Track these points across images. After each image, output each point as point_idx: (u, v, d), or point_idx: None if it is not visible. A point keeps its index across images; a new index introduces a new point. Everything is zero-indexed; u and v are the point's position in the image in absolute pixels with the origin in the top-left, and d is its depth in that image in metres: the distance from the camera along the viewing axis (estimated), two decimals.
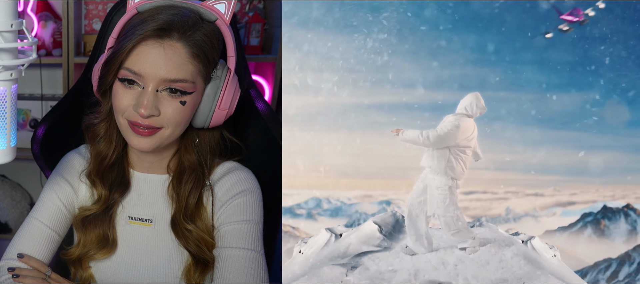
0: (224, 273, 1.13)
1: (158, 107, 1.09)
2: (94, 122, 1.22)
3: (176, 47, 1.08)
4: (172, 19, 1.08)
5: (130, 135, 1.13)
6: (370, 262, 1.73)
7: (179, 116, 1.12)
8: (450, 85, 2.19)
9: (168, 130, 1.13)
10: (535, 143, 1.70)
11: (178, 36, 1.08)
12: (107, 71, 1.11)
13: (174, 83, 1.08)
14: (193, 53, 1.09)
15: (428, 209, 1.71)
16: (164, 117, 1.10)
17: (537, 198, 1.81)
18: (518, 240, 1.77)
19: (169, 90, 1.09)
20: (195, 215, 1.20)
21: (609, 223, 1.80)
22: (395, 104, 2.62)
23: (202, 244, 1.19)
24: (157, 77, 1.08)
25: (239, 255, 1.14)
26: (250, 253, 1.14)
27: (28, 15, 2.36)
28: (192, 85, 1.11)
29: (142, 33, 1.07)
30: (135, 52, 1.08)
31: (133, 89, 1.09)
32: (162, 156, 1.23)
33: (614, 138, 1.65)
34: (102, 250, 1.22)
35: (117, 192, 1.22)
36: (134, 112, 1.10)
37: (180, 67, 1.08)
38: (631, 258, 1.72)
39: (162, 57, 1.07)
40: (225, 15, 1.14)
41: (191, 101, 1.12)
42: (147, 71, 1.07)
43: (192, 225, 1.19)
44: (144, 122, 1.10)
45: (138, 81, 1.09)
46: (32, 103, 2.38)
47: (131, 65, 1.08)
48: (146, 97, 1.08)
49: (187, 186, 1.21)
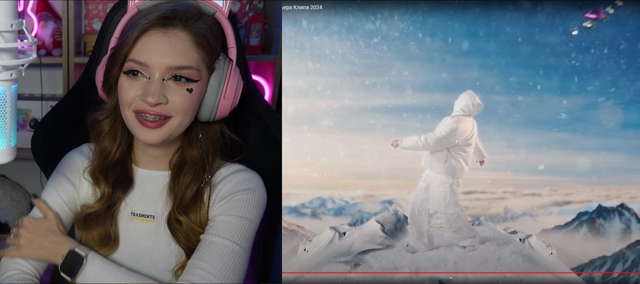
0: (203, 255, 1.14)
1: (165, 95, 1.11)
2: (99, 119, 1.23)
3: (180, 35, 1.10)
4: (174, 8, 1.11)
5: (138, 128, 1.14)
6: (373, 260, 1.75)
7: (187, 104, 1.13)
8: (449, 87, 2.20)
9: (177, 119, 1.14)
10: (533, 144, 1.70)
11: (181, 25, 1.10)
12: (112, 65, 1.13)
13: (180, 70, 1.10)
14: (196, 41, 1.11)
15: (430, 207, 1.73)
16: (171, 105, 1.12)
17: (534, 198, 1.83)
18: (516, 238, 1.79)
19: (175, 78, 1.11)
20: (189, 207, 1.21)
21: (603, 221, 1.81)
22: (395, 105, 2.62)
23: (192, 237, 1.19)
24: (163, 65, 1.09)
25: (223, 244, 1.14)
26: (235, 246, 1.15)
27: (28, 15, 2.36)
28: (197, 72, 1.12)
29: (146, 23, 1.09)
30: (139, 43, 1.10)
31: (139, 80, 1.11)
32: (166, 152, 1.24)
33: (609, 139, 1.66)
34: (104, 248, 1.22)
35: (120, 190, 1.23)
36: (141, 102, 1.11)
37: (184, 54, 1.10)
38: (625, 256, 1.74)
39: (166, 45, 1.09)
40: (223, 8, 1.17)
41: (197, 90, 1.14)
42: (152, 60, 1.09)
43: (185, 217, 1.20)
44: (152, 110, 1.11)
45: (143, 71, 1.10)
46: (32, 103, 2.38)
47: (136, 55, 1.10)
48: (153, 85, 1.09)
49: (186, 179, 1.21)
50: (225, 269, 1.12)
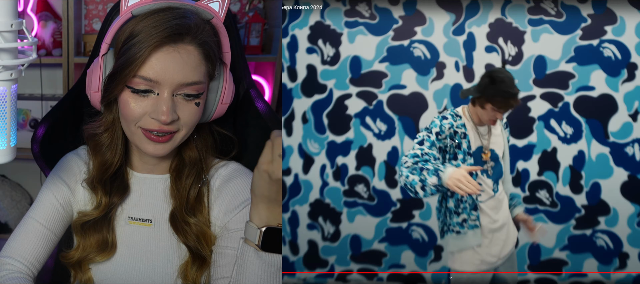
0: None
1: (176, 111, 1.10)
2: (96, 132, 1.21)
3: (189, 49, 1.09)
4: (182, 23, 1.08)
5: (144, 142, 1.13)
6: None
7: (195, 117, 1.14)
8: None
9: (183, 132, 1.14)
10: None
11: (190, 39, 1.09)
12: (116, 83, 1.09)
13: (189, 87, 1.09)
14: (205, 54, 1.11)
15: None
16: (181, 120, 1.12)
17: None
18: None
19: (184, 95, 1.10)
20: (195, 209, 1.21)
21: None
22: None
23: (202, 238, 1.19)
24: (175, 82, 1.08)
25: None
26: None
27: (28, 15, 2.36)
28: (203, 86, 1.13)
29: (156, 40, 1.06)
30: (151, 61, 1.07)
31: (147, 97, 1.09)
32: (165, 158, 1.24)
33: None
34: (102, 253, 1.22)
35: (117, 196, 1.23)
36: (151, 120, 1.10)
37: (195, 68, 1.10)
38: None
39: (179, 62, 1.08)
40: (219, 13, 1.15)
41: (202, 101, 1.14)
42: (164, 77, 1.07)
43: (194, 218, 1.20)
44: (162, 128, 1.10)
45: (153, 88, 1.09)
46: (32, 103, 2.38)
47: (146, 73, 1.07)
48: (165, 103, 1.08)
49: (188, 181, 1.21)
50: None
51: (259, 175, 1.02)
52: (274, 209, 1.06)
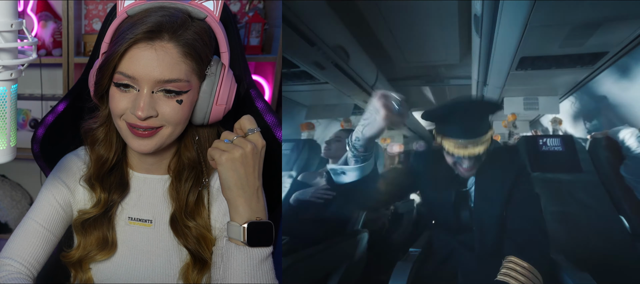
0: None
1: (155, 108, 1.09)
2: (92, 127, 1.22)
3: (167, 47, 1.08)
4: (161, 21, 1.08)
5: (130, 137, 1.13)
6: None
7: (177, 115, 1.12)
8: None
9: (168, 128, 1.13)
10: None
11: (169, 37, 1.08)
12: (101, 76, 1.11)
13: (168, 84, 1.09)
14: (185, 52, 1.09)
15: None
16: (162, 117, 1.11)
17: None
18: None
19: (164, 92, 1.09)
20: (195, 212, 1.21)
21: None
22: None
23: (202, 241, 1.19)
24: (151, 79, 1.08)
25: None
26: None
27: (28, 15, 2.36)
28: (186, 84, 1.11)
29: (133, 36, 1.07)
30: (127, 56, 1.08)
31: (129, 92, 1.10)
32: (162, 157, 1.24)
33: None
34: (102, 252, 1.22)
35: (116, 194, 1.23)
36: (131, 115, 1.10)
37: (172, 67, 1.08)
38: None
39: (154, 59, 1.07)
40: (214, 12, 1.14)
41: (188, 99, 1.12)
42: (140, 73, 1.07)
43: (193, 222, 1.20)
44: (142, 123, 1.10)
45: (133, 84, 1.09)
46: (32, 103, 2.38)
47: (124, 68, 1.08)
48: (142, 99, 1.08)
49: (188, 185, 1.21)
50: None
51: (222, 169, 1.06)
52: (252, 203, 1.07)
